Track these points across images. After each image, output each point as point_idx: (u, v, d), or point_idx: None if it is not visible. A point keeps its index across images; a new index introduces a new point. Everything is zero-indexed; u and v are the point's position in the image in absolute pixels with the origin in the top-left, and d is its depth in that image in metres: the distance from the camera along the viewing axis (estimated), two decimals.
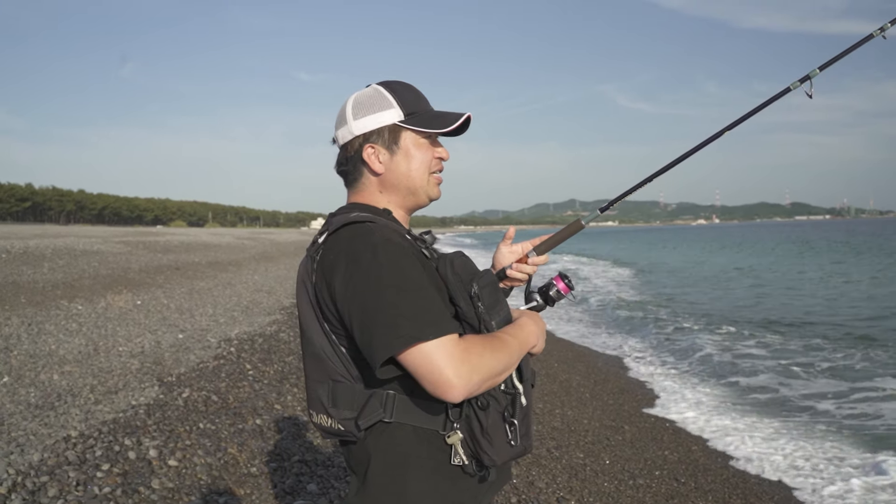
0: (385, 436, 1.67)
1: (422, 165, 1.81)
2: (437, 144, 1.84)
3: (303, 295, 1.74)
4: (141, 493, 4.17)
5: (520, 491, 4.99)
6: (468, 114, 1.78)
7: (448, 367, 1.50)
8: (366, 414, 1.65)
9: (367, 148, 1.78)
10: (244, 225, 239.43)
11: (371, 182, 1.82)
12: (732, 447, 6.44)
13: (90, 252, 21.44)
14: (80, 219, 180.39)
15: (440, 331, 1.52)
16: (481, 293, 1.66)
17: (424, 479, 1.66)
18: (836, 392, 8.61)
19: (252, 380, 7.10)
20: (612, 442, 6.39)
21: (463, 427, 1.65)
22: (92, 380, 6.60)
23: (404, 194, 1.82)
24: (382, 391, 1.65)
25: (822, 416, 7.57)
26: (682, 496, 5.21)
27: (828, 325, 14.57)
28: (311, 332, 1.73)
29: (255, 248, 36.26)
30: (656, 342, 12.53)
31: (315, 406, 1.73)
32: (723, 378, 9.48)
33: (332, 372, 1.69)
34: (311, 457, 5.15)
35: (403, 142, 1.79)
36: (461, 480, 1.69)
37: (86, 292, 13.09)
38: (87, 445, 4.76)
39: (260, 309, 12.68)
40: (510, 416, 1.64)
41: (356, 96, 1.82)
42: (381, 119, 1.77)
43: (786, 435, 6.83)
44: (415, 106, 1.80)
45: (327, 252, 1.65)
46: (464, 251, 1.77)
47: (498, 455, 1.64)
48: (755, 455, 6.20)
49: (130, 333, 9.23)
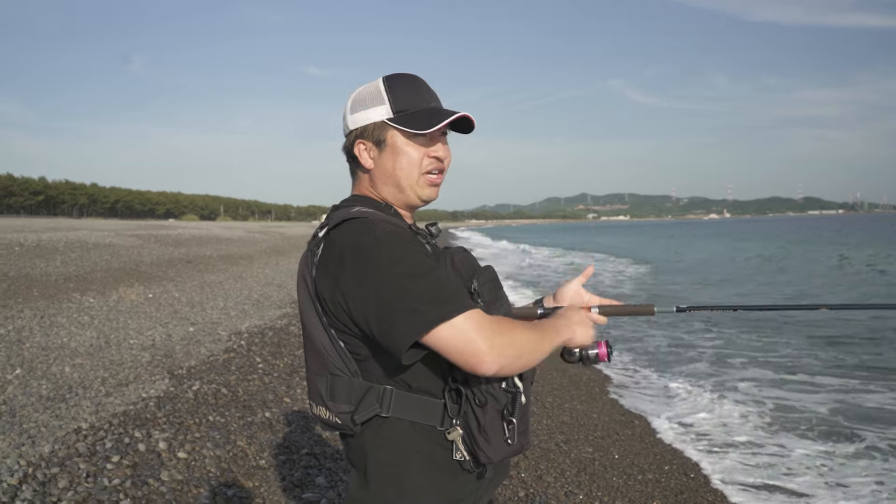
0: (382, 430, 1.67)
1: (409, 164, 1.77)
2: (432, 143, 1.79)
3: (303, 289, 1.74)
4: (150, 485, 4.19)
5: (528, 485, 4.99)
6: (460, 114, 1.73)
7: (480, 337, 1.50)
8: (362, 408, 1.65)
9: (358, 143, 1.79)
10: (256, 219, 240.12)
11: (364, 177, 1.83)
12: (740, 441, 6.42)
13: (102, 245, 21.54)
14: (92, 212, 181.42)
15: (462, 307, 1.52)
16: (481, 289, 1.66)
17: (423, 474, 1.66)
18: (841, 386, 8.56)
19: (262, 373, 7.12)
20: (621, 436, 6.37)
21: (462, 423, 1.65)
22: (103, 372, 6.64)
23: (392, 191, 1.80)
24: (380, 386, 1.66)
25: (832, 416, 7.53)
26: (691, 491, 5.19)
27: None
28: (311, 327, 1.72)
29: (266, 241, 36.34)
30: (671, 340, 12.48)
31: (315, 398, 1.74)
32: (733, 374, 9.44)
33: (331, 366, 1.69)
34: (319, 450, 5.17)
35: (391, 139, 1.76)
36: (460, 476, 1.69)
37: (98, 285, 13.16)
38: (97, 437, 4.79)
39: (270, 302, 12.71)
40: (509, 415, 1.63)
41: (359, 90, 1.81)
42: (370, 116, 1.76)
43: (793, 432, 6.80)
44: (408, 103, 1.76)
45: (330, 247, 1.65)
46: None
47: (494, 453, 1.63)
48: (763, 450, 6.18)
49: (141, 326, 9.28)
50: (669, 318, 14.50)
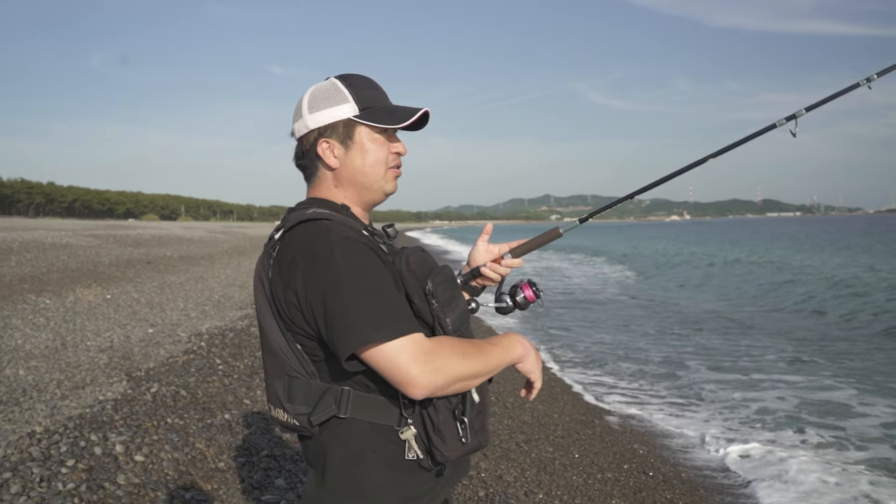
0: (340, 431, 1.67)
1: (377, 160, 1.79)
2: (393, 140, 1.82)
3: (260, 291, 1.74)
4: (106, 488, 4.13)
5: (488, 484, 5.01)
6: (425, 109, 1.77)
7: (412, 364, 1.52)
8: (319, 410, 1.65)
9: (321, 142, 1.77)
10: (217, 219, 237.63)
11: (327, 177, 1.81)
12: (696, 440, 6.52)
13: (59, 245, 21.17)
14: (49, 211, 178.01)
15: (398, 331, 1.53)
16: (436, 290, 1.66)
17: (380, 473, 1.67)
18: (791, 382, 8.74)
19: (222, 374, 7.06)
20: (581, 436, 6.43)
21: (416, 423, 1.66)
22: (59, 375, 6.53)
23: (359, 190, 1.81)
24: (337, 387, 1.66)
25: (782, 409, 7.67)
26: (649, 489, 5.26)
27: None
28: (268, 329, 1.72)
29: (227, 241, 36.01)
30: (632, 339, 12.62)
31: (273, 400, 1.74)
32: (685, 373, 9.58)
33: (289, 368, 1.68)
34: (279, 451, 5.14)
35: (358, 136, 1.77)
36: (417, 474, 1.70)
37: (54, 286, 12.94)
38: (51, 441, 4.70)
39: (232, 303, 12.60)
40: (461, 414, 1.65)
41: (313, 90, 1.81)
42: (335, 113, 1.76)
43: (747, 427, 6.92)
44: (371, 101, 1.78)
45: (284, 250, 1.65)
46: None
47: (450, 451, 1.65)
48: (720, 448, 6.28)
49: (99, 328, 9.14)
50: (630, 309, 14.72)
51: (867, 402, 7.94)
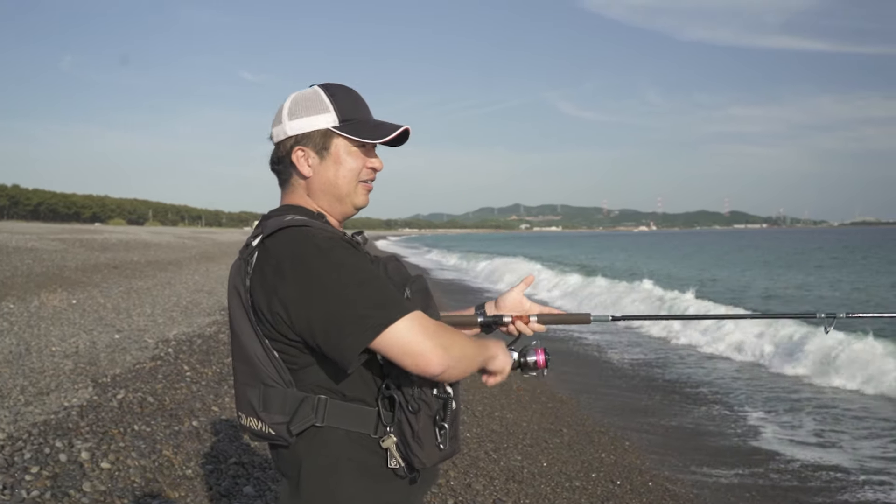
0: (317, 440, 1.67)
1: (350, 173, 1.79)
2: (371, 154, 1.83)
3: (235, 298, 1.72)
4: (71, 496, 4.09)
5: (457, 493, 5.02)
6: (406, 126, 1.78)
7: (426, 338, 1.55)
8: (298, 419, 1.65)
9: (297, 150, 1.78)
10: (185, 224, 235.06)
11: (300, 185, 1.82)
12: (663, 449, 6.59)
13: (24, 249, 20.86)
14: (13, 214, 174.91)
15: (405, 309, 1.56)
16: (413, 297, 1.69)
17: (356, 482, 1.68)
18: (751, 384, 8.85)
19: (189, 381, 7.00)
20: (550, 444, 6.46)
21: (395, 430, 1.67)
22: (22, 380, 6.43)
23: (330, 201, 1.81)
24: (314, 396, 1.66)
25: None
26: (617, 497, 5.30)
27: None
28: (243, 336, 1.70)
29: (196, 247, 35.69)
30: (597, 347, 12.71)
31: (245, 409, 1.72)
32: (656, 375, 9.68)
33: (264, 376, 1.67)
34: (247, 459, 5.11)
35: (335, 148, 1.78)
36: (392, 482, 1.71)
37: (18, 291, 12.74)
38: (15, 448, 4.64)
39: (199, 309, 12.50)
40: (441, 420, 1.67)
41: (295, 96, 1.81)
42: (314, 122, 1.76)
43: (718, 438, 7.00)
44: (352, 113, 1.79)
45: (265, 256, 1.64)
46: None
47: (427, 458, 1.67)
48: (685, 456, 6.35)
49: (65, 333, 9.02)
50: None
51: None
